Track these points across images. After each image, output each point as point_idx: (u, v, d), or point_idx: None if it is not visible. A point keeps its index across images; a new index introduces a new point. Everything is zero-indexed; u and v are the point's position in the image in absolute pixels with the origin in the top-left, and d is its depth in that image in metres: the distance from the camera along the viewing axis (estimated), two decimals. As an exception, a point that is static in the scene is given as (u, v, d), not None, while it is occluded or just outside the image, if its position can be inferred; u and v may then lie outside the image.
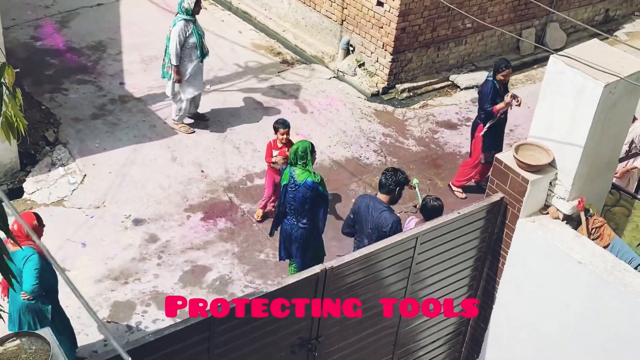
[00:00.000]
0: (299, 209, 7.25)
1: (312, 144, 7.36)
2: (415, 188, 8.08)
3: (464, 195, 9.25)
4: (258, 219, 8.60)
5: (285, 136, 8.21)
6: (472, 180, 9.33)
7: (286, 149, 8.10)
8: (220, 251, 8.19)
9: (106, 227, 8.30)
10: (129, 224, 8.39)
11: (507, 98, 8.66)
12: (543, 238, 6.03)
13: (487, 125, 8.82)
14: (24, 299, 6.01)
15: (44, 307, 6.08)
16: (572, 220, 6.14)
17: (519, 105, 8.76)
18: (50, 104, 10.01)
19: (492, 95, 8.72)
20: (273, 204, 8.47)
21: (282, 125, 8.22)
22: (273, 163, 8.26)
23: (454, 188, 9.36)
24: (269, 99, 10.69)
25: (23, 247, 5.83)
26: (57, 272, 5.33)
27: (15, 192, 8.64)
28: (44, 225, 6.22)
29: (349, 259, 5.56)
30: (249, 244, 8.33)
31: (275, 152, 8.26)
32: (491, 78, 8.79)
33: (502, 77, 8.74)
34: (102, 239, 8.15)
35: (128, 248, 8.09)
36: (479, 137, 8.93)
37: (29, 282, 5.89)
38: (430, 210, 6.83)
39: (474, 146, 9.09)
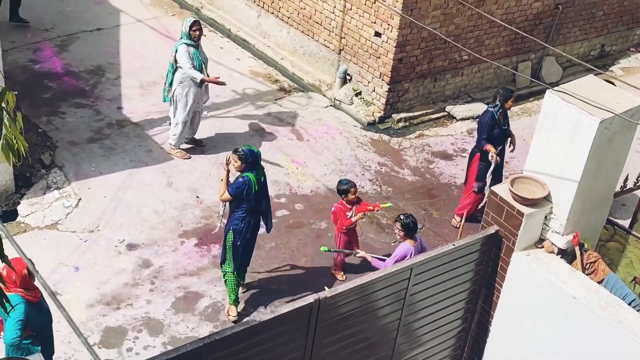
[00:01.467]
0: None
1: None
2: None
3: (459, 225, 9.20)
4: (341, 279, 8.31)
5: (356, 195, 7.91)
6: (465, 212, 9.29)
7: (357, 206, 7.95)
8: (214, 277, 8.15)
9: (100, 252, 8.27)
10: (123, 248, 8.36)
11: (492, 157, 8.70)
12: (538, 272, 6.04)
13: (491, 168, 8.77)
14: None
15: (34, 348, 5.93)
16: (567, 255, 6.16)
17: (512, 150, 9.07)
18: (47, 126, 10.02)
19: (491, 126, 8.77)
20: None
21: (350, 185, 7.89)
22: (352, 224, 7.94)
23: (456, 217, 9.35)
24: (265, 126, 10.73)
25: (10, 294, 5.64)
26: (50, 297, 5.27)
27: (9, 215, 8.61)
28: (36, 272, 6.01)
29: (343, 289, 5.55)
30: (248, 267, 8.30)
31: (349, 214, 7.92)
32: (491, 109, 8.84)
33: (510, 104, 8.88)
34: (95, 264, 8.12)
35: (121, 273, 8.05)
36: (475, 166, 8.96)
37: (10, 335, 5.71)
38: (412, 227, 7.18)
39: (469, 174, 9.11)
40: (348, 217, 7.95)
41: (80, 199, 8.92)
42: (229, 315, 7.65)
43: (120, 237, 8.49)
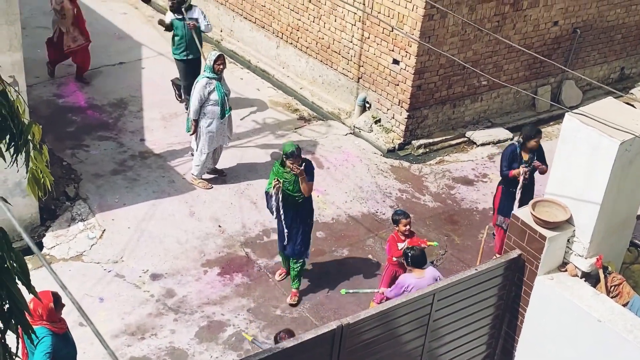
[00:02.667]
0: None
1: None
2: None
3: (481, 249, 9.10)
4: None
5: (408, 227, 7.70)
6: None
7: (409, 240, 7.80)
8: (237, 306, 8.18)
9: (124, 282, 8.34)
10: (147, 279, 8.43)
11: (521, 169, 8.41)
12: (562, 296, 6.00)
13: (519, 188, 8.43)
14: None
15: None
16: (591, 278, 6.12)
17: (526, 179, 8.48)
18: (71, 159, 10.18)
19: (510, 160, 8.54)
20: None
21: (402, 215, 7.73)
22: (400, 256, 7.70)
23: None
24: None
25: (36, 327, 5.67)
26: (87, 323, 5.28)
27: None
28: (63, 305, 5.98)
29: (365, 316, 5.56)
30: (265, 299, 8.33)
31: (401, 245, 7.71)
32: (515, 143, 8.65)
33: (534, 144, 8.56)
34: (120, 294, 8.18)
35: (145, 303, 8.10)
36: (498, 199, 8.83)
37: None
38: (418, 258, 7.03)
39: (495, 208, 8.95)
40: (399, 248, 7.76)
41: (104, 230, 9.02)
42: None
43: (144, 268, 8.56)
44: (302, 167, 7.80)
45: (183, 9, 10.85)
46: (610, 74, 13.37)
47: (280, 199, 7.86)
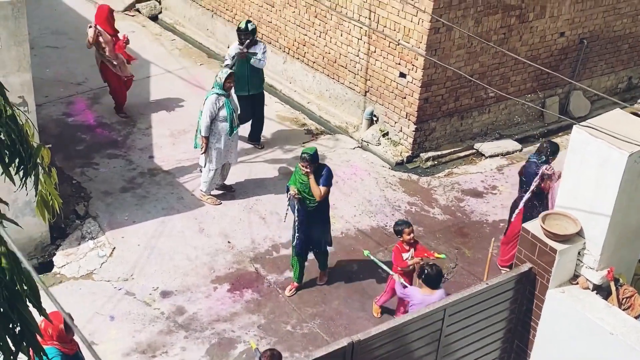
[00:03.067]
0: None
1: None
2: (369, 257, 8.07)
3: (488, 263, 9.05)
4: (377, 315, 8.35)
5: (411, 236, 7.77)
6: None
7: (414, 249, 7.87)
8: (247, 323, 8.17)
9: (134, 300, 8.35)
10: (157, 296, 8.43)
11: (545, 169, 8.38)
12: (574, 309, 5.97)
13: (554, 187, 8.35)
14: None
15: None
16: (602, 290, 6.08)
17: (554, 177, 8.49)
18: (81, 178, 10.22)
19: (535, 176, 8.41)
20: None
21: (405, 225, 7.80)
22: (408, 267, 7.77)
23: (500, 268, 9.11)
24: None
25: (47, 347, 5.67)
26: (88, 350, 5.27)
27: (46, 266, 8.75)
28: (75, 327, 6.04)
29: (376, 332, 5.54)
30: (276, 315, 8.31)
31: (405, 255, 7.80)
32: (534, 159, 8.57)
33: (554, 158, 8.60)
34: (130, 312, 8.19)
35: (155, 321, 8.10)
36: (518, 221, 8.46)
37: None
38: (434, 278, 6.89)
39: (512, 228, 8.80)
40: (404, 258, 7.81)
41: (114, 248, 9.04)
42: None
43: (154, 285, 8.57)
44: (310, 169, 8.04)
45: (245, 43, 10.60)
46: (618, 83, 13.34)
47: (296, 204, 8.18)
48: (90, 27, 10.97)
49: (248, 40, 10.58)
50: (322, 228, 8.45)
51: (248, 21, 10.68)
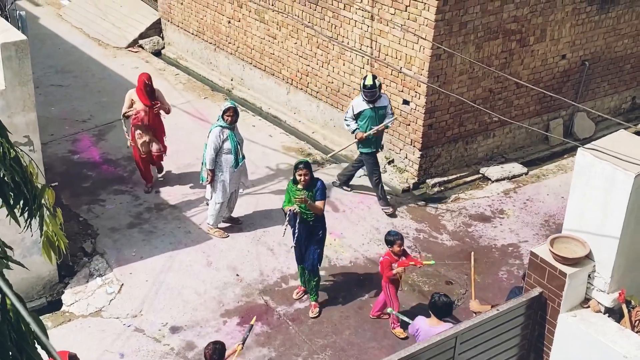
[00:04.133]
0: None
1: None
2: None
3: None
4: (373, 316, 8.69)
5: (401, 248, 8.13)
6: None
7: (403, 258, 8.19)
8: (258, 356, 8.11)
9: (143, 337, 8.30)
10: (166, 332, 8.38)
11: None
12: (586, 333, 5.91)
13: None
14: None
15: None
16: (615, 313, 6.02)
17: None
18: (87, 215, 10.23)
19: None
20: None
21: (398, 237, 8.15)
22: (393, 275, 8.11)
23: None
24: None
25: None
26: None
27: (54, 305, 8.73)
28: None
29: (387, 362, 5.49)
30: (286, 347, 8.25)
31: (394, 265, 8.09)
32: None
33: None
34: (140, 349, 8.14)
35: (165, 357, 8.05)
36: None
37: None
38: (440, 308, 6.81)
39: None
40: (391, 269, 8.12)
41: (122, 284, 9.02)
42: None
43: (163, 321, 8.53)
44: (307, 179, 8.20)
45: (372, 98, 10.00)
46: (622, 104, 13.34)
47: (297, 219, 8.28)
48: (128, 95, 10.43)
49: (377, 94, 9.99)
50: (315, 245, 8.51)
51: (374, 76, 10.00)
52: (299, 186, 8.28)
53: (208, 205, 9.98)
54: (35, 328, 2.85)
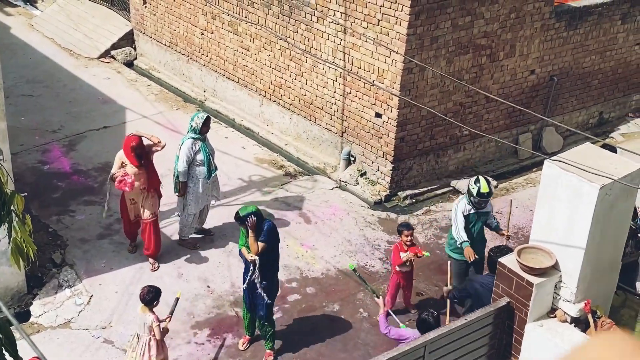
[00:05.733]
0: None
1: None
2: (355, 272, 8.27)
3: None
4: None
5: (409, 238, 8.46)
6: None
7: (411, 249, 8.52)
8: (229, 368, 8.09)
9: (112, 348, 8.24)
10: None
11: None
12: (553, 342, 5.99)
13: None
14: None
15: None
16: (581, 323, 6.12)
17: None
18: (57, 225, 10.15)
19: None
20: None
21: (405, 227, 8.56)
22: (402, 264, 8.47)
23: None
24: (273, 211, 10.82)
25: None
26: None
27: (22, 316, 8.63)
28: None
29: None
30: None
31: (403, 254, 8.47)
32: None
33: None
34: (109, 360, 8.07)
35: (135, 368, 7.98)
36: None
37: None
38: (428, 325, 6.81)
39: None
40: (401, 257, 8.44)
41: (91, 295, 8.95)
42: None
43: (132, 332, 8.43)
44: (250, 227, 7.74)
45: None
46: (590, 119, 13.57)
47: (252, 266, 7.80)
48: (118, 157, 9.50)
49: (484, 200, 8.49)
50: (270, 289, 7.96)
51: (488, 180, 8.56)
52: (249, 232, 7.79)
53: (179, 216, 9.95)
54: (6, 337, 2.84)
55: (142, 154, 9.39)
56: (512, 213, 8.31)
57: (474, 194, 8.29)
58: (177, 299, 7.67)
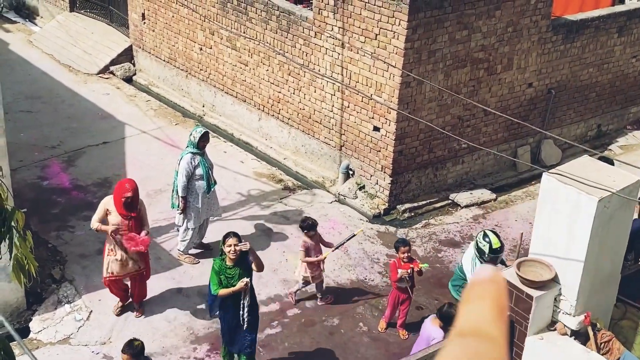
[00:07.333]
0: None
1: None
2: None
3: None
4: (382, 330, 8.89)
5: (406, 254, 8.42)
6: None
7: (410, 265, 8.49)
8: (228, 383, 8.06)
9: (112, 364, 8.22)
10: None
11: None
12: (553, 355, 5.98)
13: None
14: None
15: None
16: (581, 336, 6.11)
17: None
18: (56, 241, 10.14)
19: None
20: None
21: (402, 243, 8.54)
22: (399, 280, 8.46)
23: None
24: (272, 226, 10.83)
25: None
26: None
27: (22, 332, 8.59)
28: None
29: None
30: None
31: (401, 271, 8.43)
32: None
33: None
34: (109, 376, 8.05)
35: (134, 384, 7.95)
36: None
37: None
38: (452, 318, 6.84)
39: None
40: (398, 274, 8.42)
41: (91, 311, 8.93)
42: None
43: (132, 348, 8.43)
44: (244, 283, 7.43)
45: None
46: (588, 131, 13.61)
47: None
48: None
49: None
50: (250, 328, 7.79)
51: (495, 233, 8.07)
52: (228, 263, 7.46)
53: (178, 231, 9.96)
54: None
55: (135, 205, 8.42)
56: (522, 245, 8.12)
57: (486, 251, 7.68)
58: (354, 235, 7.78)
